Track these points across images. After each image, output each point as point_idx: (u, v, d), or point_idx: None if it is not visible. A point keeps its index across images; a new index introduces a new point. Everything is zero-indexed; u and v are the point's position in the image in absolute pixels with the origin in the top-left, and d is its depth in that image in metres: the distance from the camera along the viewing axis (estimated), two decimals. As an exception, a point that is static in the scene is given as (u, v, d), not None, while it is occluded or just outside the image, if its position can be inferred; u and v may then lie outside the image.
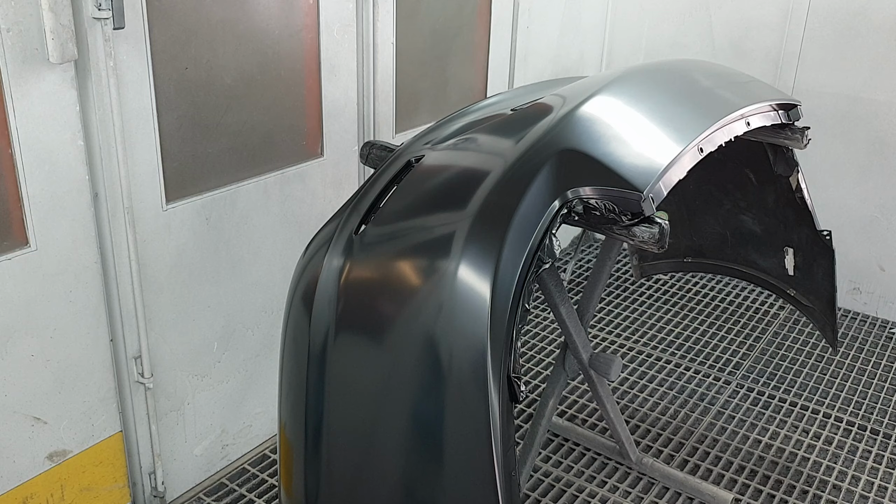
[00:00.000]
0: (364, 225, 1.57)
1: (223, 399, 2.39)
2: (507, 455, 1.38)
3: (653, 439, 2.70)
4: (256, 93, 2.22)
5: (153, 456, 2.21)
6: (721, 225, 2.73)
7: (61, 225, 1.84)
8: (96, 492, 2.11)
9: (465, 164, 1.67)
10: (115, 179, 1.90)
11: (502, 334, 1.37)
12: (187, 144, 2.09)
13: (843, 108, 3.37)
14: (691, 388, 2.98)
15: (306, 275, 1.56)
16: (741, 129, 1.87)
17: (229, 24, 2.09)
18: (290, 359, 1.55)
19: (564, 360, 2.24)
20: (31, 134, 1.73)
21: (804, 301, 2.63)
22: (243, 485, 2.42)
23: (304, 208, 2.46)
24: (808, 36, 3.38)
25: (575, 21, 3.61)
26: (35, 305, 1.84)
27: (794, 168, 2.32)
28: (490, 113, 1.86)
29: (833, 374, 3.10)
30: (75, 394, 1.98)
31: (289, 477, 1.56)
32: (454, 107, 2.31)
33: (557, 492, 2.45)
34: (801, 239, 2.49)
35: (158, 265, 2.08)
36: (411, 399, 1.43)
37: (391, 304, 1.46)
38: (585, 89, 1.83)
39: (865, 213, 3.43)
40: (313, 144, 2.46)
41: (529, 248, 1.45)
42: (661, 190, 1.57)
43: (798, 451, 2.66)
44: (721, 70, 2.19)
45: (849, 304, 3.59)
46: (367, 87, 2.56)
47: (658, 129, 1.73)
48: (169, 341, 2.17)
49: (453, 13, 2.91)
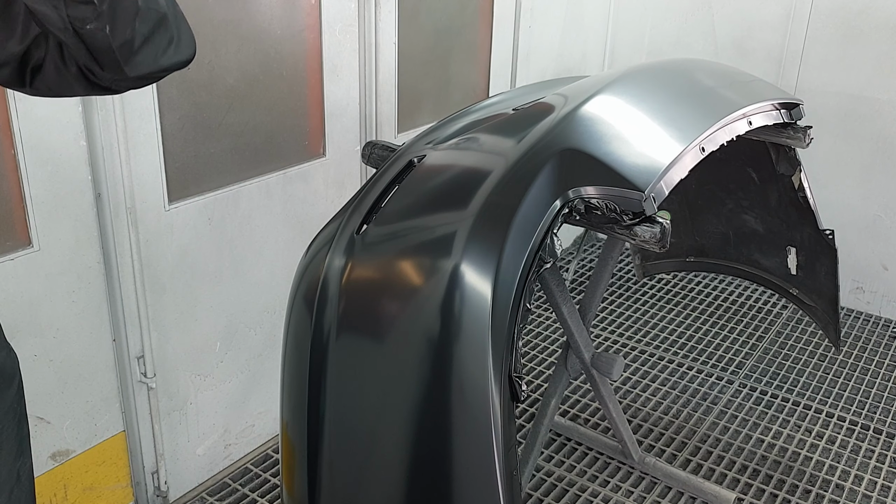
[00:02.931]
0: (366, 225, 1.57)
1: (226, 399, 2.39)
2: (508, 454, 1.38)
3: (655, 439, 2.70)
4: (259, 93, 2.23)
5: (156, 455, 2.22)
6: (723, 224, 2.73)
7: (64, 225, 1.85)
8: (99, 491, 2.12)
9: (466, 164, 1.67)
10: (117, 180, 1.91)
11: (504, 333, 1.38)
12: (190, 144, 2.09)
13: (845, 108, 3.36)
14: (694, 387, 2.98)
15: (308, 274, 1.57)
16: (743, 129, 1.87)
17: (232, 25, 2.09)
18: (291, 358, 1.56)
19: (566, 360, 2.24)
20: (33, 134, 1.74)
21: (807, 300, 2.62)
22: (246, 484, 2.43)
23: (307, 208, 2.47)
24: (810, 35, 3.38)
25: (577, 20, 3.61)
26: (38, 305, 1.85)
27: (796, 167, 2.32)
28: (492, 112, 1.86)
29: (836, 373, 3.10)
30: (78, 393, 1.99)
31: (291, 476, 1.56)
32: (456, 106, 2.31)
33: (560, 491, 2.45)
34: (804, 238, 2.49)
35: (161, 265, 2.08)
36: (412, 398, 1.43)
37: (393, 304, 1.46)
38: (587, 89, 1.83)
39: (868, 213, 3.43)
40: (315, 144, 2.47)
41: (531, 247, 1.45)
42: (662, 189, 1.57)
43: (801, 450, 2.66)
44: (723, 69, 2.19)
45: (852, 303, 3.59)
46: (370, 87, 2.57)
47: (660, 128, 1.73)
48: (171, 341, 2.17)
49: (455, 13, 2.91)
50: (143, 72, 1.05)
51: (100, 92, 1.11)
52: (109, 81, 1.06)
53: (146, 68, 1.05)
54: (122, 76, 1.04)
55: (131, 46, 1.00)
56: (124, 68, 1.02)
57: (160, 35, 1.03)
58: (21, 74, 1.09)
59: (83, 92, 1.10)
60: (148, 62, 1.04)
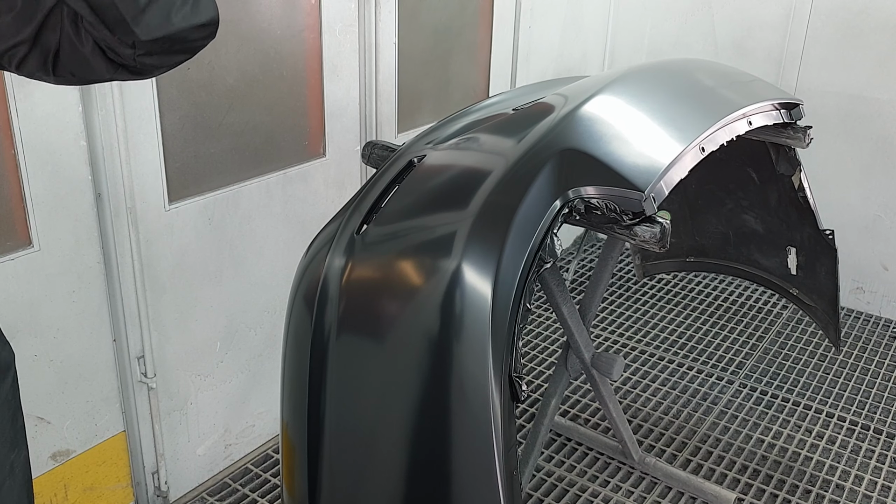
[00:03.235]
0: (366, 225, 1.57)
1: (226, 399, 2.39)
2: (508, 454, 1.38)
3: (655, 439, 2.70)
4: (259, 93, 2.23)
5: (156, 456, 2.22)
6: (723, 224, 2.73)
7: (64, 225, 1.85)
8: (100, 491, 2.12)
9: (466, 164, 1.67)
10: (117, 180, 1.91)
11: (503, 333, 1.38)
12: (190, 145, 2.09)
13: (845, 108, 3.36)
14: (694, 387, 2.98)
15: (308, 274, 1.57)
16: (743, 129, 1.87)
17: (232, 25, 2.09)
18: (291, 358, 1.56)
19: (567, 360, 2.24)
20: (33, 134, 1.74)
21: (807, 300, 2.62)
22: (246, 484, 2.43)
23: (307, 208, 2.47)
24: (810, 35, 3.38)
25: (577, 20, 3.61)
26: (38, 306, 1.85)
27: (796, 167, 2.32)
28: (492, 112, 1.86)
29: (836, 373, 3.10)
30: (78, 394, 1.99)
31: (291, 477, 1.56)
32: (456, 106, 2.31)
33: (560, 491, 2.45)
34: (804, 238, 2.49)
35: (161, 265, 2.08)
36: (412, 398, 1.43)
37: (393, 304, 1.47)
38: (587, 89, 1.83)
39: (868, 213, 3.43)
40: (315, 144, 2.47)
41: (531, 247, 1.46)
42: (662, 189, 1.57)
43: (801, 450, 2.66)
44: (723, 69, 2.19)
45: (852, 303, 3.59)
46: (370, 87, 2.57)
47: (660, 128, 1.73)
48: (172, 341, 2.17)
49: (455, 13, 2.91)
50: (156, 34, 0.98)
51: (124, 74, 1.04)
52: (128, 57, 1.00)
53: (159, 30, 0.98)
54: (133, 39, 0.97)
55: (137, 2, 0.95)
56: (133, 29, 0.96)
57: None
58: (43, 62, 1.05)
59: (108, 74, 1.04)
60: (159, 21, 0.98)
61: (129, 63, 1.02)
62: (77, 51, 1.03)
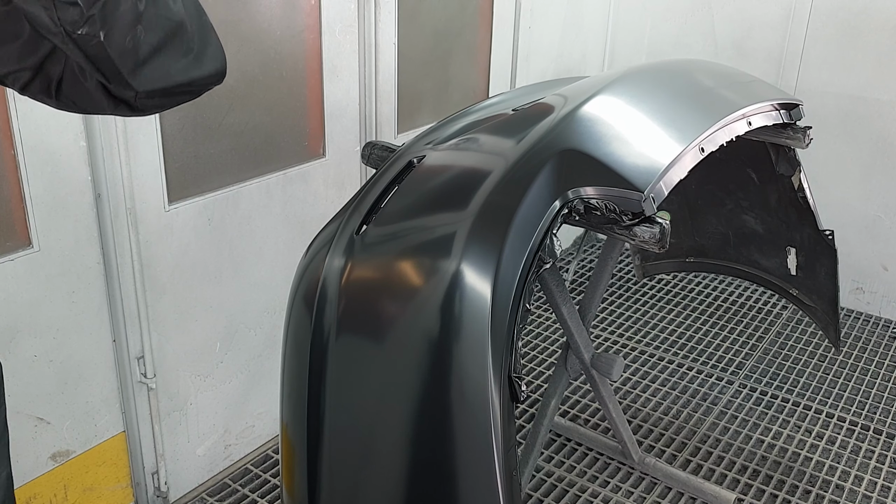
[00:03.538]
0: (365, 225, 1.57)
1: (226, 399, 2.39)
2: (508, 455, 1.38)
3: (655, 439, 2.70)
4: (258, 93, 2.23)
5: (156, 456, 2.22)
6: (723, 225, 2.73)
7: (64, 226, 1.85)
8: (99, 492, 2.12)
9: (465, 165, 1.67)
10: (117, 180, 1.91)
11: (503, 334, 1.38)
12: (189, 145, 2.09)
13: (845, 108, 3.36)
14: (694, 387, 2.98)
15: (308, 275, 1.57)
16: (743, 129, 1.87)
17: (231, 25, 2.09)
18: (291, 359, 1.56)
19: (566, 360, 2.24)
20: (33, 135, 1.74)
21: (807, 301, 2.62)
22: (246, 485, 2.43)
23: (306, 209, 2.47)
24: (810, 35, 3.38)
25: (577, 21, 3.61)
26: (38, 306, 1.85)
27: (796, 168, 2.32)
28: (491, 113, 1.86)
29: (836, 374, 3.10)
30: (78, 394, 1.99)
31: (290, 477, 1.56)
32: (456, 107, 2.31)
33: (560, 492, 2.45)
34: (804, 238, 2.49)
35: (161, 265, 2.08)
36: (412, 399, 1.43)
37: (392, 304, 1.47)
38: (586, 89, 1.83)
39: (868, 213, 3.43)
40: (315, 145, 2.47)
41: (530, 248, 1.45)
42: (662, 190, 1.57)
43: (801, 451, 2.66)
44: (722, 70, 2.19)
45: (852, 303, 3.59)
46: (369, 88, 2.57)
47: (659, 128, 1.73)
48: (171, 342, 2.17)
49: (455, 13, 2.91)
50: (153, 86, 0.95)
51: (126, 110, 1.01)
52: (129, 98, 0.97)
53: (158, 83, 0.95)
54: (130, 90, 0.95)
55: (135, 57, 0.91)
56: (130, 82, 0.93)
57: (173, 46, 0.95)
58: (47, 88, 1.03)
59: (109, 108, 1.01)
60: (158, 76, 0.94)
61: (131, 103, 0.99)
62: (80, 84, 1.01)
